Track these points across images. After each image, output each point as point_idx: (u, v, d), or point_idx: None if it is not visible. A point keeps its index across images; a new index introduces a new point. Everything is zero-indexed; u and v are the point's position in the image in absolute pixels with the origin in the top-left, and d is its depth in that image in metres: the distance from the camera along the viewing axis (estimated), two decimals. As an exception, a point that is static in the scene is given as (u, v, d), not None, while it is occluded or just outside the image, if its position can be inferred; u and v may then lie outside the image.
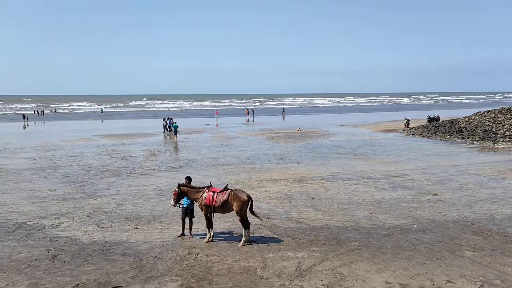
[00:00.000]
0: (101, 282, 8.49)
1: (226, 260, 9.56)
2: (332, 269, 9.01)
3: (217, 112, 66.88)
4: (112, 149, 29.34)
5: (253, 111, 77.32)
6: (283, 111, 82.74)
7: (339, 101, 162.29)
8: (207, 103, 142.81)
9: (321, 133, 40.34)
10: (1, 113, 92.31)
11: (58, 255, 9.94)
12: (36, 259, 9.73)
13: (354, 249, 10.20)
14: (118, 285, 8.32)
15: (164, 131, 42.16)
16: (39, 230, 11.92)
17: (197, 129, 46.38)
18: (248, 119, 64.02)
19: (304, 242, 10.70)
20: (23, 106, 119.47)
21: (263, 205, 14.32)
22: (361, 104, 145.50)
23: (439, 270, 9.00)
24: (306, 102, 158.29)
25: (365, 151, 27.15)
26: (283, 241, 10.81)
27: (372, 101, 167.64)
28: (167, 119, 43.29)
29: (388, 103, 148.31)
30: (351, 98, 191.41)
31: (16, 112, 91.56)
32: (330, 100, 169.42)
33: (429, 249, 10.20)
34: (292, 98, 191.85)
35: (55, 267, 9.30)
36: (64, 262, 9.56)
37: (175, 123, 39.76)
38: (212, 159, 24.58)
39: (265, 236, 11.24)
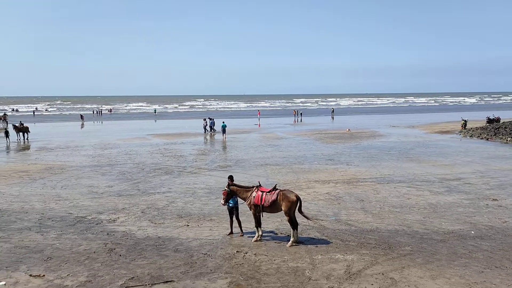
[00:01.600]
0: (154, 276, 8.82)
1: (274, 260, 9.60)
2: (383, 274, 8.79)
3: (259, 113, 67.26)
4: (164, 148, 30.33)
5: (301, 113, 76.91)
6: (332, 111, 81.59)
7: (393, 101, 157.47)
8: (261, 103, 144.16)
9: (372, 134, 39.39)
10: (61, 113, 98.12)
11: (114, 249, 10.44)
12: (94, 252, 10.27)
13: (406, 254, 9.89)
14: (170, 280, 8.61)
15: (204, 132, 42.72)
16: (97, 224, 12.57)
17: (246, 129, 46.84)
18: (296, 120, 63.76)
19: (354, 245, 10.51)
20: (80, 106, 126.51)
21: (312, 206, 14.23)
22: (418, 104, 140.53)
23: (499, 279, 8.53)
24: (356, 102, 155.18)
25: (418, 153, 26.20)
26: (332, 243, 10.69)
27: (432, 101, 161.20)
28: (208, 119, 43.95)
29: (447, 103, 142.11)
30: (411, 98, 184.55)
31: (70, 112, 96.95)
32: (378, 99, 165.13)
33: (487, 257, 9.69)
34: (340, 98, 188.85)
35: (112, 260, 9.77)
36: (120, 255, 10.02)
37: (223, 122, 40.41)
38: (260, 159, 24.74)
39: (314, 237, 11.17)
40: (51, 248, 10.55)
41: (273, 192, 10.74)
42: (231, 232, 11.47)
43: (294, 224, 10.61)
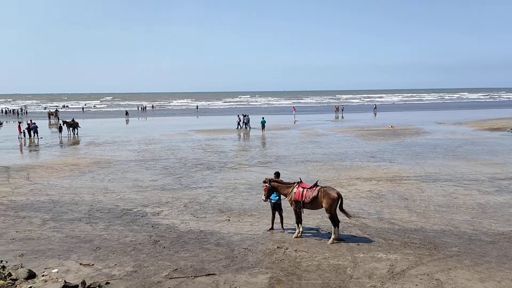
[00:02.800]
0: (196, 269, 9.02)
1: (315, 257, 9.56)
2: (428, 275, 8.53)
3: (295, 109, 66.84)
4: (205, 144, 30.85)
5: (342, 108, 75.83)
6: (375, 107, 79.79)
7: (442, 97, 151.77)
8: (305, 99, 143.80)
9: (416, 131, 38.18)
10: (110, 110, 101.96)
11: (159, 241, 10.76)
12: (140, 243, 10.64)
13: (453, 255, 9.54)
14: (212, 273, 8.77)
15: (237, 128, 42.90)
16: (142, 216, 13.01)
17: (286, 126, 46.75)
18: (337, 116, 62.88)
19: (397, 244, 10.27)
20: (126, 103, 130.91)
21: (353, 203, 14.02)
22: (470, 99, 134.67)
23: (555, 285, 8.06)
24: (403, 98, 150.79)
25: (466, 151, 25.14)
26: (374, 241, 10.50)
27: (487, 96, 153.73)
28: (242, 116, 44.10)
29: (503, 99, 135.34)
30: (464, 94, 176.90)
31: (116, 109, 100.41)
32: (428, 94, 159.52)
33: (542, 261, 9.17)
34: (386, 94, 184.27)
35: (156, 251, 10.08)
36: (164, 247, 10.32)
37: (263, 118, 40.60)
38: (300, 155, 24.63)
39: (355, 235, 11.01)
40: (99, 238, 11.03)
41: (314, 188, 10.68)
42: (272, 228, 11.52)
43: (335, 221, 10.51)
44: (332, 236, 10.50)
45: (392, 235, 10.94)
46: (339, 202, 10.53)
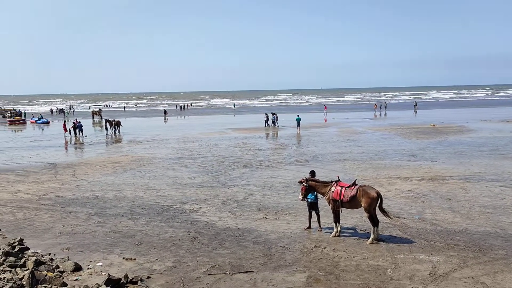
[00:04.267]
0: (234, 266, 9.12)
1: (354, 257, 9.42)
2: (473, 278, 8.22)
3: (326, 107, 65.93)
4: (242, 142, 31.06)
5: (385, 105, 74.25)
6: (415, 105, 77.53)
7: (491, 94, 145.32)
8: (345, 97, 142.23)
9: (459, 129, 36.77)
10: (150, 109, 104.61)
11: (197, 237, 10.96)
12: (179, 239, 10.87)
13: (500, 258, 9.13)
14: (250, 270, 8.84)
15: (265, 126, 42.98)
16: (181, 213, 13.28)
17: (323, 124, 46.29)
18: (376, 114, 61.58)
19: (440, 246, 9.95)
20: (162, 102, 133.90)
21: (393, 203, 13.69)
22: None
23: None
24: (451, 95, 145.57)
25: (514, 150, 23.95)
26: (415, 242, 10.21)
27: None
28: (271, 114, 44.12)
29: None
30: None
31: (155, 108, 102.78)
32: (477, 91, 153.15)
33: None
34: (435, 91, 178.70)
35: (195, 247, 10.27)
36: (203, 244, 10.50)
37: (298, 116, 40.46)
38: (338, 154, 24.32)
39: (395, 235, 10.75)
40: (141, 234, 11.37)
41: (353, 187, 10.52)
42: (309, 227, 11.45)
43: (374, 221, 10.31)
44: (371, 236, 10.31)
45: (435, 237, 10.60)
46: (379, 201, 10.33)
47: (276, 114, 44.48)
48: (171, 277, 8.61)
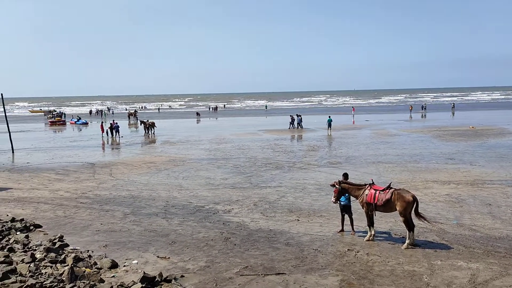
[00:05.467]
0: (266, 267, 9.12)
1: (388, 262, 9.23)
2: (515, 287, 7.87)
3: (354, 109, 64.81)
4: (274, 143, 31.06)
5: (425, 106, 72.53)
6: (453, 106, 75.13)
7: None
8: (381, 98, 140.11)
9: (500, 131, 35.33)
10: (183, 110, 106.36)
11: (230, 238, 11.04)
12: (212, 239, 10.99)
13: (545, 268, 8.70)
14: (282, 272, 8.82)
15: (290, 127, 43.09)
16: (214, 214, 13.42)
17: (356, 125, 45.62)
18: (411, 116, 60.10)
19: (479, 253, 9.59)
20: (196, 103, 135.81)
21: (429, 207, 13.31)
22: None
23: None
24: (484, 96, 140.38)
25: (560, 154, 22.78)
26: (453, 248, 9.89)
27: None
28: (296, 116, 44.15)
29: None
30: None
31: (188, 110, 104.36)
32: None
33: None
34: (474, 92, 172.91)
35: (228, 248, 10.35)
36: (235, 244, 10.57)
37: (329, 117, 40.10)
38: (371, 156, 23.90)
39: (432, 241, 10.45)
40: (175, 233, 11.57)
41: (387, 191, 10.31)
42: (342, 230, 11.31)
43: (410, 225, 10.06)
44: (407, 241, 10.07)
45: (474, 243, 10.23)
46: (414, 205, 10.07)
47: (300, 116, 44.44)
48: (204, 276, 8.71)
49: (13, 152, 29.13)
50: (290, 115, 45.99)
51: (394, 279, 8.37)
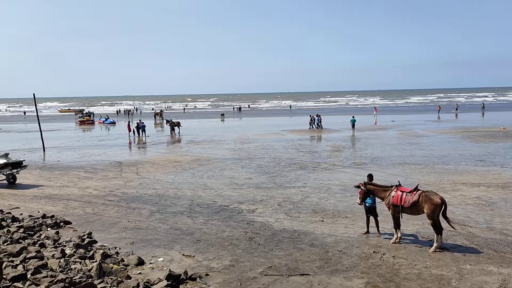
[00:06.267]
0: (290, 268, 9.10)
1: (415, 265, 9.05)
2: (549, 294, 7.60)
3: (376, 109, 63.63)
4: (298, 144, 30.94)
5: (457, 107, 70.97)
6: (482, 106, 73.03)
7: None
8: (411, 98, 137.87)
9: (534, 132, 34.08)
10: (208, 110, 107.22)
11: (254, 238, 11.07)
12: (236, 239, 11.04)
13: None
14: (306, 273, 8.79)
15: (310, 128, 43.19)
16: (238, 213, 13.48)
17: (382, 126, 44.93)
18: (439, 116, 58.74)
19: (511, 257, 9.29)
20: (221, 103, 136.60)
21: (458, 210, 12.99)
22: None
23: None
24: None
25: None
26: (483, 253, 9.62)
27: None
28: (316, 116, 44.22)
29: None
30: None
31: (213, 110, 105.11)
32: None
33: None
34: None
35: (252, 248, 10.38)
36: (259, 244, 10.59)
37: (353, 117, 39.69)
38: (398, 157, 23.49)
39: (461, 244, 10.19)
40: (199, 232, 11.69)
41: (415, 192, 10.11)
42: (367, 232, 11.17)
43: (438, 228, 9.84)
44: (434, 244, 9.85)
45: (505, 247, 9.92)
46: (443, 208, 9.85)
47: (320, 116, 44.36)
48: (228, 275, 8.77)
49: (44, 150, 30.07)
50: (310, 115, 46.00)
51: (421, 282, 8.21)
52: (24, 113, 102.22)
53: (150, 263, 9.53)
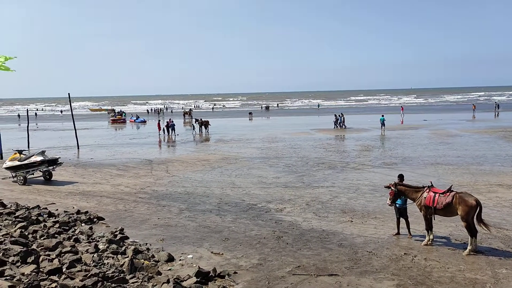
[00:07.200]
0: (319, 268, 9.05)
1: (448, 268, 8.82)
2: None
3: (402, 109, 61.94)
4: (327, 143, 30.67)
5: (497, 104, 68.55)
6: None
7: None
8: (447, 98, 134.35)
9: None
10: (238, 109, 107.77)
11: (282, 237, 11.06)
12: (264, 238, 11.06)
13: None
14: (335, 273, 8.71)
15: (334, 127, 42.76)
16: (266, 212, 13.50)
17: (413, 125, 43.93)
18: (474, 115, 56.89)
19: (550, 263, 8.91)
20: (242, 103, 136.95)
21: (494, 213, 12.56)
22: None
23: None
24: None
25: None
26: (521, 257, 9.27)
27: None
28: (340, 115, 43.71)
29: None
30: None
31: (240, 109, 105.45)
32: None
33: None
34: None
35: (280, 247, 10.37)
36: (287, 243, 10.57)
37: (382, 116, 38.96)
38: (430, 157, 22.92)
39: (496, 248, 9.85)
40: (228, 230, 11.78)
41: (448, 194, 9.84)
42: (398, 233, 10.96)
43: (472, 231, 9.54)
44: (468, 247, 9.56)
45: (544, 252, 9.52)
46: (478, 210, 9.54)
47: (343, 116, 43.88)
48: (256, 274, 8.80)
49: (78, 148, 31.03)
50: (335, 114, 45.50)
51: (454, 286, 7.99)
52: (61, 111, 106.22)
53: (180, 260, 9.68)
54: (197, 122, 43.49)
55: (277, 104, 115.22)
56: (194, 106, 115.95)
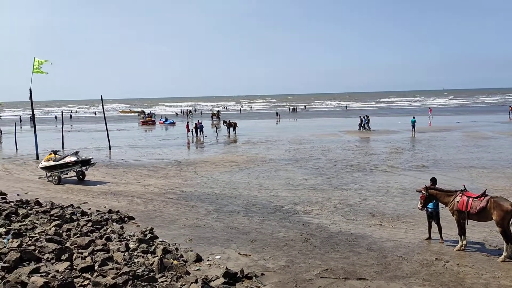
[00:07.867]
0: (347, 271, 8.94)
1: (482, 274, 8.54)
2: None
3: (430, 110, 60.03)
4: (355, 145, 30.29)
5: None
6: None
7: None
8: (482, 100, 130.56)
9: None
10: (264, 111, 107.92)
11: (309, 239, 11.00)
12: (291, 240, 11.03)
13: None
14: (364, 278, 8.59)
15: (359, 129, 42.59)
16: (294, 214, 13.46)
17: (445, 127, 42.80)
18: (511, 117, 54.85)
19: None
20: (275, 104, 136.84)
21: (531, 218, 12.05)
22: None
23: None
24: None
25: None
26: (560, 265, 8.87)
27: None
28: (364, 117, 43.44)
29: None
30: None
31: (267, 111, 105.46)
32: None
33: None
34: None
35: (307, 249, 10.32)
36: (315, 246, 10.50)
37: (413, 117, 38.10)
38: (463, 160, 22.26)
39: (534, 255, 9.46)
40: (255, 231, 11.81)
41: (482, 198, 9.54)
42: (429, 238, 10.70)
43: (508, 237, 9.21)
44: (504, 254, 9.23)
45: None
46: (514, 215, 9.20)
47: (368, 117, 43.47)
48: (284, 276, 8.78)
49: (110, 149, 31.84)
50: (360, 116, 44.95)
51: (488, 294, 7.74)
52: (95, 113, 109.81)
53: (208, 260, 9.78)
54: (225, 124, 43.83)
55: (305, 106, 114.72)
56: (222, 108, 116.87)
